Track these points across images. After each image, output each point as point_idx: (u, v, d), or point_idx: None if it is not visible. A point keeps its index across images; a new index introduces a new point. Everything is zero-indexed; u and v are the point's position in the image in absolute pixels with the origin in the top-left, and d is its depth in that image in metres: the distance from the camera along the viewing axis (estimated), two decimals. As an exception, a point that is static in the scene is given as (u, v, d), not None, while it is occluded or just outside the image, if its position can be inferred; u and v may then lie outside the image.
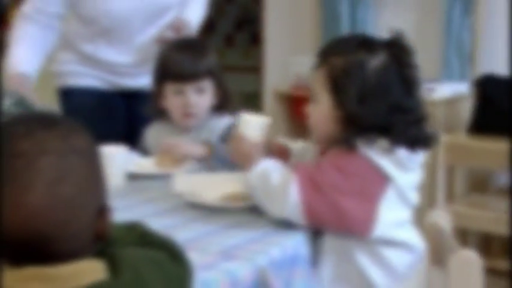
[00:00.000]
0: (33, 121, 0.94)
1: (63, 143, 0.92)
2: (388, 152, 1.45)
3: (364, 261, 1.49)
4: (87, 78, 2.50)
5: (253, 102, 4.67)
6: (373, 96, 1.47)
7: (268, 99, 4.09)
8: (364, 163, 1.45)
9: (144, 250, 1.02)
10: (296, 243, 1.42)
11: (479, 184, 3.22)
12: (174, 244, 1.07)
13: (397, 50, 1.52)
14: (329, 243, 1.50)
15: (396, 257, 1.50)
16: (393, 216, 1.49)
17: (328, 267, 1.51)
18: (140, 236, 1.07)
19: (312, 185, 1.43)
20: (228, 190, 1.72)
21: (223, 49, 6.08)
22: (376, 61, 1.49)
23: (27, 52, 2.30)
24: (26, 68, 2.27)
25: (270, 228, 1.47)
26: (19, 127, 0.92)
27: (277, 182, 1.46)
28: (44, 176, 0.89)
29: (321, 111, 1.53)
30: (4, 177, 0.88)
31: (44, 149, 0.90)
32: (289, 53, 3.98)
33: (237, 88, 3.48)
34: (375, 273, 1.49)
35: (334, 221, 1.45)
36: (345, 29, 3.74)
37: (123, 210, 1.02)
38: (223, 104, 2.15)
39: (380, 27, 3.67)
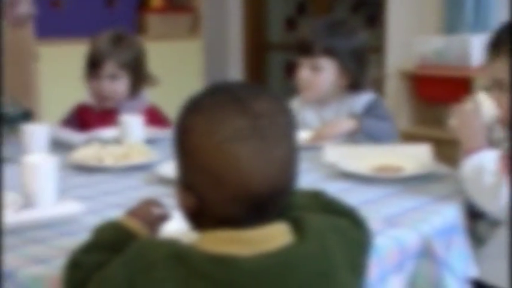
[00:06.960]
0: (251, 86, 0.94)
1: (281, 103, 0.92)
2: None
3: None
4: None
5: (375, 81, 4.57)
6: None
7: (392, 79, 3.97)
8: None
9: (328, 217, 0.98)
10: (454, 212, 1.35)
11: None
12: (357, 212, 1.03)
13: None
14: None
15: None
16: None
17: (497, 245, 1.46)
18: (325, 204, 1.03)
19: None
20: (378, 161, 1.68)
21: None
22: None
23: None
24: None
25: (427, 198, 1.42)
26: (244, 92, 0.91)
27: (489, 182, 1.36)
28: (284, 132, 0.90)
29: None
30: (248, 135, 0.86)
31: (278, 108, 0.90)
32: (411, 34, 3.84)
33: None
34: None
35: None
36: (469, 9, 3.57)
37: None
38: (355, 85, 2.08)
39: (503, 5, 3.48)
